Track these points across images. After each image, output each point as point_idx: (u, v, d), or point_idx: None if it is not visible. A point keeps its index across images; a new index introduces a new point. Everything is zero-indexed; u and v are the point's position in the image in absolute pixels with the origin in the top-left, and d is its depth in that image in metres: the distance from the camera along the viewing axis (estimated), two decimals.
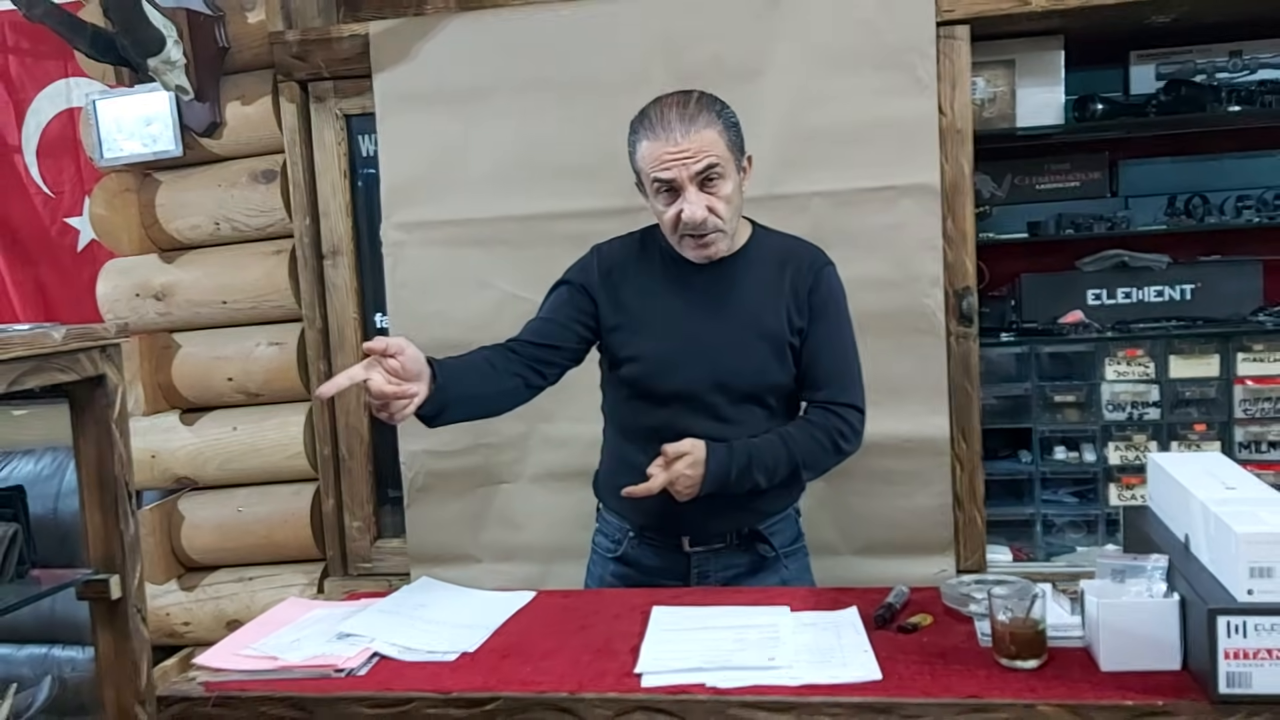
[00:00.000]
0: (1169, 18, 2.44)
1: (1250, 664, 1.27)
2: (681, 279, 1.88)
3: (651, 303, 1.88)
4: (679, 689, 1.43)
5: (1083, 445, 2.66)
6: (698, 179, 1.76)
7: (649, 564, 1.92)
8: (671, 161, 1.75)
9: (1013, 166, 2.92)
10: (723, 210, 1.78)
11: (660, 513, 1.85)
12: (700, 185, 1.76)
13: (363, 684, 1.53)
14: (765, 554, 1.91)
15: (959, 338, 2.42)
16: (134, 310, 2.79)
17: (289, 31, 2.63)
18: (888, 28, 2.35)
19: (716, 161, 1.76)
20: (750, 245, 1.90)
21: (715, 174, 1.77)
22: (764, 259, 1.89)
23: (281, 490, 2.79)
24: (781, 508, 1.94)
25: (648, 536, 1.92)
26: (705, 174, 1.76)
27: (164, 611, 2.83)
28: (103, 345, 1.50)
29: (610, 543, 1.98)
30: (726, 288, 1.86)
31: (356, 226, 2.71)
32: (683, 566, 1.90)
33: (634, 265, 1.92)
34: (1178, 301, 2.82)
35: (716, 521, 1.87)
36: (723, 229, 1.80)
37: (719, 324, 1.85)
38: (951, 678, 1.42)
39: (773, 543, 1.91)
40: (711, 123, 1.77)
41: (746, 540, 1.90)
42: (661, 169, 1.76)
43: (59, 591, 1.54)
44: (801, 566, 1.98)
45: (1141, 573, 1.43)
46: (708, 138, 1.76)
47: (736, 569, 1.91)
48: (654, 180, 1.78)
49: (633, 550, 1.94)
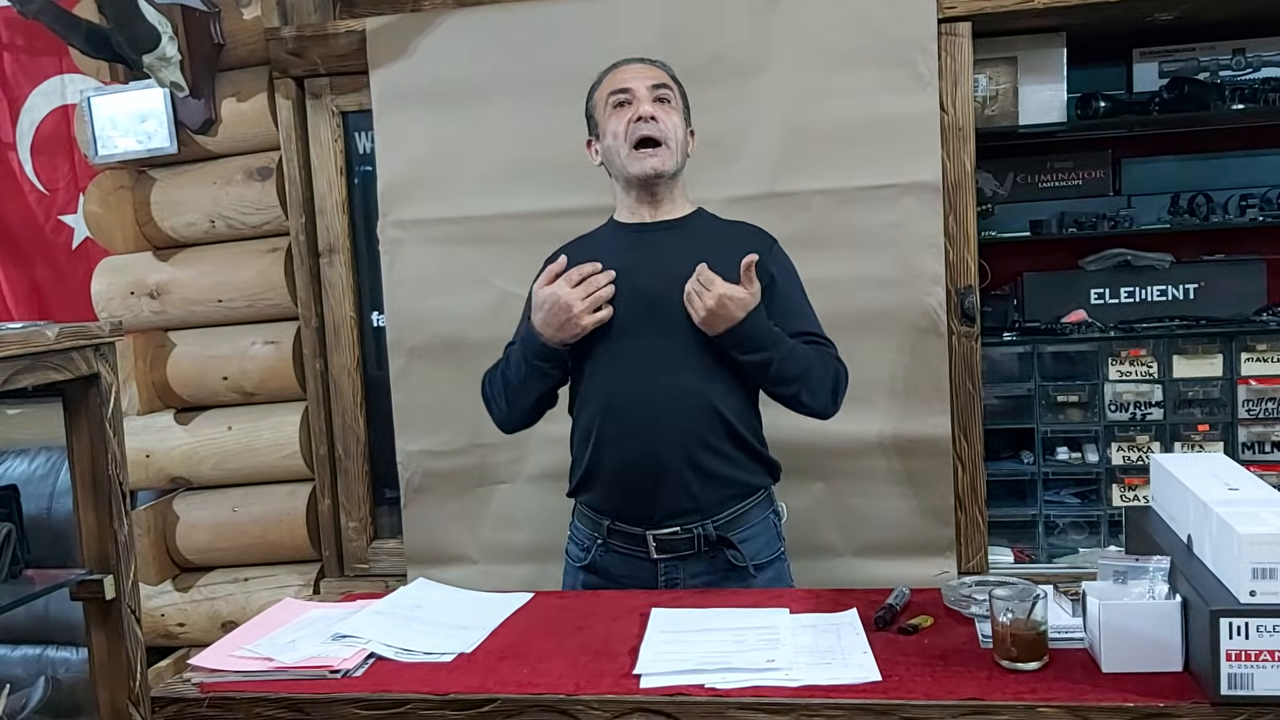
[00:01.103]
0: (1172, 15, 2.43)
1: (1252, 665, 1.26)
2: (628, 242, 1.92)
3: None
4: (677, 690, 1.42)
5: (1085, 445, 2.65)
6: (652, 94, 1.89)
7: (617, 572, 1.91)
8: (630, 76, 1.91)
9: (1015, 164, 2.91)
10: (670, 125, 1.88)
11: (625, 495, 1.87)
12: (652, 102, 1.88)
13: (358, 685, 1.52)
14: (735, 561, 1.87)
15: (961, 337, 2.40)
16: (129, 308, 2.78)
17: (285, 28, 2.62)
18: (889, 25, 2.34)
19: (669, 85, 1.92)
20: (695, 216, 1.97)
21: (667, 95, 1.91)
22: (711, 229, 1.96)
23: (277, 490, 2.78)
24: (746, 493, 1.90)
25: (614, 543, 1.90)
26: (658, 93, 1.90)
27: (159, 612, 2.82)
28: (97, 344, 1.49)
29: (580, 551, 1.97)
30: (673, 243, 1.90)
31: (353, 224, 2.70)
32: (650, 574, 1.88)
33: (585, 250, 1.93)
34: (1181, 301, 2.81)
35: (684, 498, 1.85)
36: (668, 141, 1.88)
37: (665, 274, 1.85)
38: (952, 679, 1.41)
39: (742, 550, 1.88)
40: (665, 68, 1.96)
41: (714, 547, 1.87)
42: (620, 81, 1.91)
43: (53, 592, 1.54)
44: (776, 576, 1.94)
45: (1143, 574, 1.42)
46: (663, 74, 1.94)
47: (705, 577, 1.88)
48: (611, 94, 1.90)
49: (601, 558, 1.93)
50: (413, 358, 2.58)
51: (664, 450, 1.84)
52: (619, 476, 1.88)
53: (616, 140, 1.89)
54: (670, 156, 1.88)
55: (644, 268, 1.87)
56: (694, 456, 1.84)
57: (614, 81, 1.91)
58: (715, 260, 1.81)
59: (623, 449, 1.87)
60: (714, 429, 1.86)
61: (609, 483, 1.90)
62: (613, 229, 1.98)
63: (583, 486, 1.96)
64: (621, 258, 1.89)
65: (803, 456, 2.22)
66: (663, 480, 1.84)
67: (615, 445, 1.88)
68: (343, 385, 2.70)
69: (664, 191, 1.92)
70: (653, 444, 1.84)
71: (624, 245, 1.92)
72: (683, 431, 1.84)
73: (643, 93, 1.88)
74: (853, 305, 2.31)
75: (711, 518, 1.86)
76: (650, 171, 1.87)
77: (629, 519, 1.89)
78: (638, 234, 1.93)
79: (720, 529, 1.87)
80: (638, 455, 1.85)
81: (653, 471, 1.84)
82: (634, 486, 1.86)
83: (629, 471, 1.86)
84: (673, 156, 1.89)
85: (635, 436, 1.85)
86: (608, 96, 1.91)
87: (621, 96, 1.89)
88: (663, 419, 1.84)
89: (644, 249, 1.90)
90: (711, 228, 1.97)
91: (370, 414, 2.72)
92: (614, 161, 1.91)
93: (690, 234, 1.92)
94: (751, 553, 1.89)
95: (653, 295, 1.85)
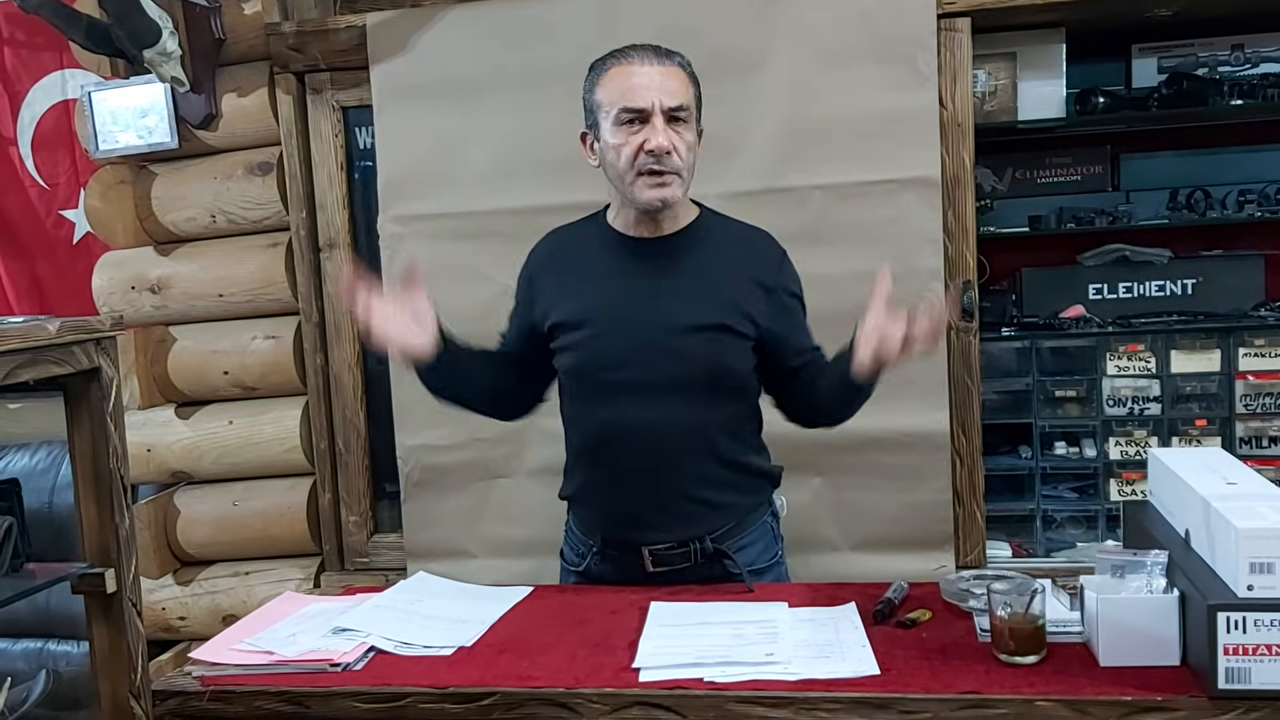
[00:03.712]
0: (1171, 11, 2.42)
1: (1249, 660, 1.27)
2: (623, 262, 1.81)
3: (587, 293, 1.82)
4: (676, 684, 1.43)
5: (1083, 440, 2.65)
6: (667, 114, 1.71)
7: (611, 581, 1.86)
8: (645, 87, 1.70)
9: (1014, 160, 2.91)
10: (684, 153, 1.73)
11: (620, 520, 1.83)
12: (666, 123, 1.71)
13: (359, 679, 1.53)
14: (731, 570, 1.82)
15: (959, 332, 2.41)
16: (129, 303, 2.78)
17: (285, 23, 2.62)
18: (888, 20, 2.33)
19: (686, 104, 1.73)
20: (699, 223, 1.84)
21: (683, 115, 1.73)
22: (716, 238, 1.83)
23: (278, 484, 2.79)
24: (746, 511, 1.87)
25: (610, 553, 1.87)
26: (674, 112, 1.71)
27: (159, 606, 2.82)
28: (98, 338, 1.49)
29: (575, 556, 1.94)
30: (671, 268, 1.79)
31: (353, 219, 2.70)
32: (644, 584, 1.81)
33: (573, 254, 1.87)
34: (1179, 296, 2.81)
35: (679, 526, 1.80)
36: (680, 172, 1.73)
37: (665, 305, 1.76)
38: (950, 673, 1.41)
39: (739, 559, 1.82)
40: (684, 67, 1.76)
41: (710, 559, 1.82)
42: (633, 95, 1.70)
43: (54, 585, 1.54)
44: (774, 580, 1.90)
45: (1141, 568, 1.43)
46: (680, 78, 1.75)
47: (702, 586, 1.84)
48: (622, 110, 1.71)
49: (596, 567, 1.89)
50: None
51: (661, 484, 1.79)
52: (612, 503, 1.83)
53: (621, 160, 1.73)
54: (681, 186, 1.75)
55: (640, 294, 1.78)
56: (691, 490, 1.80)
57: (625, 88, 1.71)
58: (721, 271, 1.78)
59: (617, 480, 1.81)
60: (713, 460, 1.81)
61: (601, 507, 1.87)
62: (609, 239, 1.84)
63: (576, 501, 1.93)
64: (618, 280, 1.80)
65: (801, 452, 2.22)
66: (659, 510, 1.80)
67: (611, 484, 1.83)
68: (343, 380, 2.70)
69: (667, 213, 1.79)
70: (649, 478, 1.79)
71: (619, 264, 1.82)
72: (680, 466, 1.79)
73: (658, 118, 1.70)
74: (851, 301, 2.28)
75: (709, 533, 1.82)
76: (657, 204, 1.74)
77: (623, 537, 1.84)
78: (634, 252, 1.81)
79: (717, 541, 1.82)
80: (633, 487, 1.80)
81: (648, 501, 1.80)
82: (628, 513, 1.82)
83: (623, 500, 1.81)
84: (683, 185, 1.76)
85: (631, 477, 1.80)
86: (618, 111, 1.72)
87: (632, 115, 1.71)
88: (659, 453, 1.77)
89: (641, 274, 1.80)
90: (716, 237, 1.84)
91: (370, 409, 2.72)
92: (615, 178, 1.77)
93: (693, 249, 1.81)
94: (748, 560, 1.84)
95: (647, 325, 1.76)
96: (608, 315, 1.79)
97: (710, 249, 1.82)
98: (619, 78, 1.73)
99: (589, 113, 1.82)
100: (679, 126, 1.73)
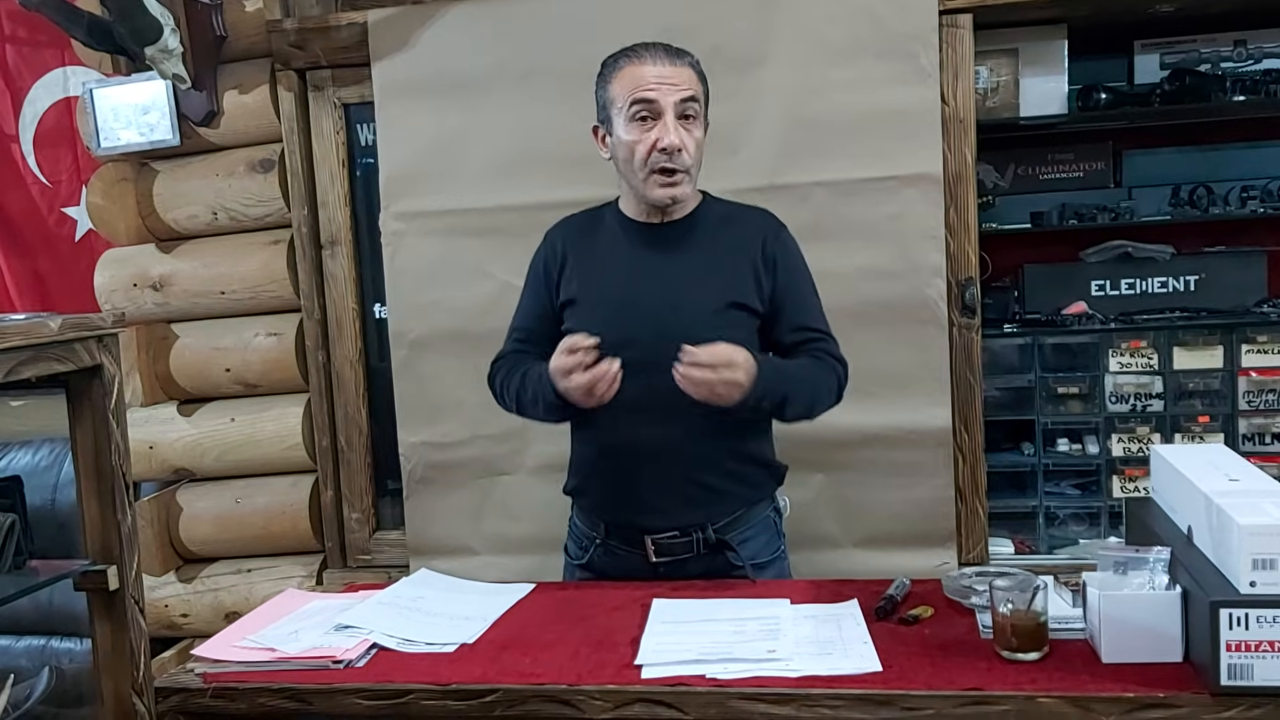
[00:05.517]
0: (1173, 7, 2.42)
1: (1252, 656, 1.27)
2: (632, 246, 1.87)
3: (600, 273, 1.87)
4: (678, 681, 1.43)
5: (1085, 437, 2.65)
6: (678, 109, 1.77)
7: (614, 574, 1.89)
8: (657, 83, 1.77)
9: (1016, 156, 2.91)
10: (693, 151, 1.80)
11: (624, 503, 1.85)
12: (677, 120, 1.77)
13: (361, 675, 1.53)
14: (735, 562, 1.84)
15: (961, 328, 2.40)
16: (131, 300, 2.78)
17: (287, 20, 2.62)
18: (890, 16, 2.33)
19: (696, 98, 1.80)
20: (701, 209, 1.90)
21: (693, 111, 1.80)
22: (717, 221, 1.89)
23: (280, 482, 2.79)
24: (749, 503, 1.88)
25: (613, 544, 1.89)
26: (684, 109, 1.78)
27: (162, 603, 2.83)
28: (99, 335, 1.49)
29: (578, 549, 1.96)
30: (679, 249, 1.85)
31: (355, 216, 2.70)
32: (648, 575, 1.85)
33: (588, 237, 1.91)
34: (1181, 293, 2.80)
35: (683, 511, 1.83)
36: (689, 169, 1.80)
37: (675, 286, 1.81)
38: (952, 670, 1.41)
39: (741, 551, 1.85)
40: (694, 67, 1.83)
41: (714, 549, 1.84)
42: (645, 90, 1.76)
43: (57, 582, 1.55)
44: (776, 575, 1.92)
45: (1143, 565, 1.43)
46: (691, 76, 1.81)
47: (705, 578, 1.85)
48: (633, 103, 1.77)
49: (599, 558, 1.91)
50: (415, 349, 2.58)
51: (667, 465, 1.81)
52: (617, 491, 1.85)
53: (634, 156, 1.79)
54: (689, 183, 1.82)
55: (650, 281, 1.83)
56: (696, 474, 1.82)
57: (637, 82, 1.77)
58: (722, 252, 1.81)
59: (624, 469, 1.84)
60: (719, 451, 1.83)
61: (607, 495, 1.89)
62: (620, 224, 1.91)
63: (580, 492, 1.95)
64: (628, 266, 1.85)
65: (803, 448, 2.22)
66: (663, 491, 1.82)
67: (616, 465, 1.85)
68: (345, 377, 2.71)
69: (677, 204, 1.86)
70: (656, 467, 1.81)
71: (629, 249, 1.87)
72: (687, 449, 1.81)
73: (669, 111, 1.76)
74: (854, 297, 2.31)
75: (712, 523, 1.84)
76: (668, 200, 1.82)
77: (627, 526, 1.87)
78: (644, 237, 1.87)
79: (720, 532, 1.84)
80: (639, 476, 1.83)
81: (653, 482, 1.82)
82: (633, 501, 1.84)
83: (629, 487, 1.83)
84: (691, 181, 1.83)
85: (637, 459, 1.82)
86: (630, 104, 1.78)
87: (644, 109, 1.77)
88: (667, 443, 1.80)
89: (651, 259, 1.85)
90: (718, 218, 1.90)
91: (372, 405, 2.72)
92: (628, 173, 1.83)
93: (700, 232, 1.86)
94: (751, 553, 1.86)
95: (658, 314, 1.79)
96: (619, 296, 1.84)
97: (716, 230, 1.88)
98: (632, 74, 1.79)
99: (601, 108, 1.87)
100: (689, 124, 1.80)
